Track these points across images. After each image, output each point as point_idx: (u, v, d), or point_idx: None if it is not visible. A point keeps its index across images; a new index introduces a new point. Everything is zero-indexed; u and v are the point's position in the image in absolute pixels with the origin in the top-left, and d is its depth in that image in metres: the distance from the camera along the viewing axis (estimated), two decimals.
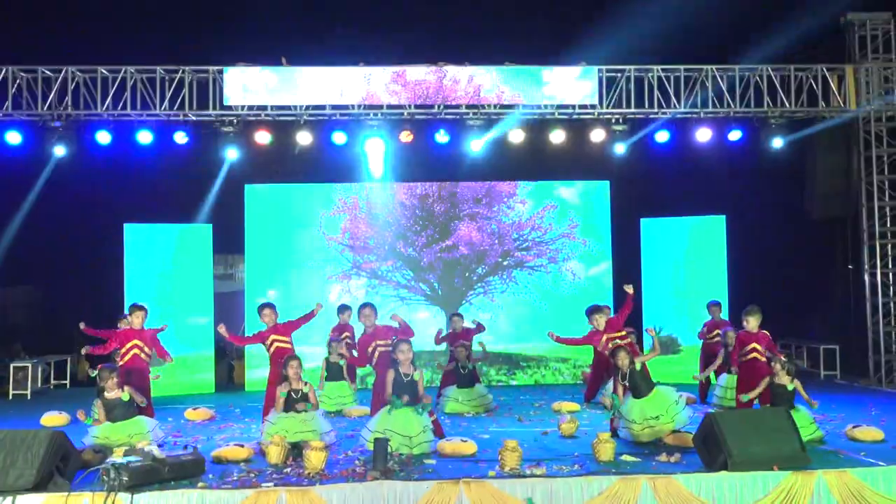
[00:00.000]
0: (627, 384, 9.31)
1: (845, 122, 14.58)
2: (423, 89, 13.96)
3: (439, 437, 9.08)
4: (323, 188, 15.55)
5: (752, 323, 9.96)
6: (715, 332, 12.43)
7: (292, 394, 9.02)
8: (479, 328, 12.54)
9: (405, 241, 15.52)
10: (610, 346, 9.85)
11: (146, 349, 10.09)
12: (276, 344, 10.02)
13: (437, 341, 12.50)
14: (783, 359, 9.31)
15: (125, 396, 9.08)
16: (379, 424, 8.71)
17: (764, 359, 9.76)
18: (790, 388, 9.13)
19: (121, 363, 9.85)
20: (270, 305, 10.29)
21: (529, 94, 14.03)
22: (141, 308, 10.27)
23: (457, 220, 15.56)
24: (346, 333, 12.48)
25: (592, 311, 10.41)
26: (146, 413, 9.57)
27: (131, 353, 10.00)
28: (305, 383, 9.11)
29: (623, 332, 10.13)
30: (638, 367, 9.29)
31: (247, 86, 13.75)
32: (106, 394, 9.06)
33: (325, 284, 15.27)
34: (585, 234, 15.62)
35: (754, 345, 9.90)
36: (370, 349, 10.04)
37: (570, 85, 14.05)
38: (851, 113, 14.41)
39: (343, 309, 12.87)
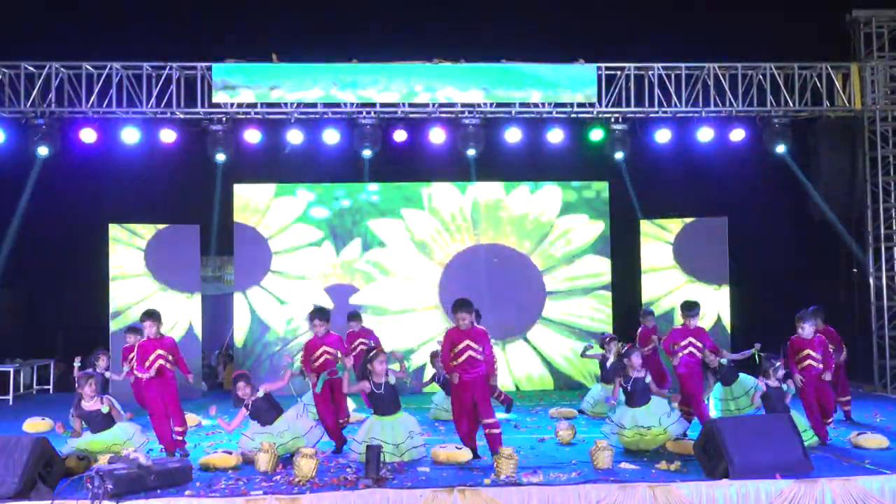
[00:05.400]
0: (629, 388, 9.21)
1: (850, 121, 14.29)
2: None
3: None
4: (312, 189, 15.11)
5: (806, 328, 9.42)
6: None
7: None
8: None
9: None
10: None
11: (170, 357, 9.20)
12: (325, 356, 9.32)
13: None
14: (774, 361, 9.11)
15: (105, 409, 8.74)
16: (366, 435, 8.63)
17: (820, 365, 9.31)
18: (785, 388, 9.05)
19: (144, 376, 9.04)
20: (326, 315, 9.52)
21: (526, 92, 13.71)
22: (151, 315, 9.30)
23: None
24: (361, 340, 11.41)
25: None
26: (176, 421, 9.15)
27: (156, 364, 9.05)
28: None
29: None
30: (647, 378, 9.24)
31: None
32: (83, 403, 8.71)
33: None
34: (584, 238, 15.15)
35: (808, 351, 9.40)
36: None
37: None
38: (856, 112, 14.14)
39: (353, 316, 11.82)
